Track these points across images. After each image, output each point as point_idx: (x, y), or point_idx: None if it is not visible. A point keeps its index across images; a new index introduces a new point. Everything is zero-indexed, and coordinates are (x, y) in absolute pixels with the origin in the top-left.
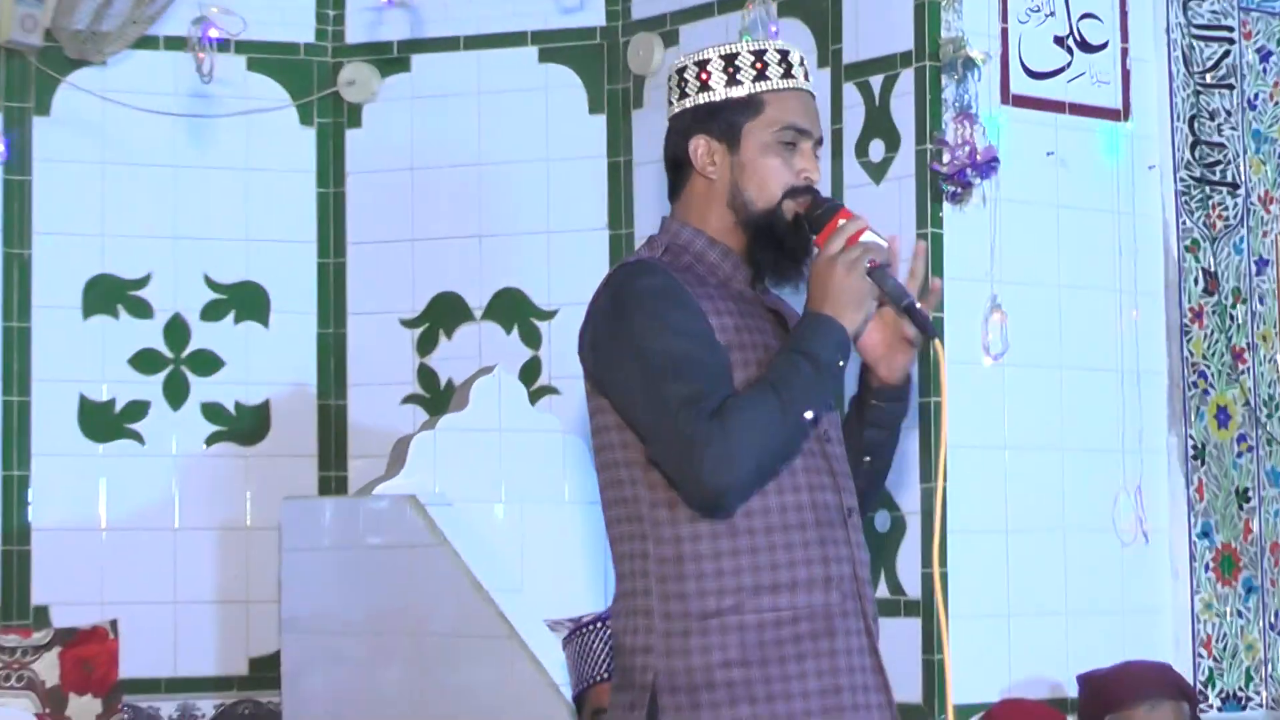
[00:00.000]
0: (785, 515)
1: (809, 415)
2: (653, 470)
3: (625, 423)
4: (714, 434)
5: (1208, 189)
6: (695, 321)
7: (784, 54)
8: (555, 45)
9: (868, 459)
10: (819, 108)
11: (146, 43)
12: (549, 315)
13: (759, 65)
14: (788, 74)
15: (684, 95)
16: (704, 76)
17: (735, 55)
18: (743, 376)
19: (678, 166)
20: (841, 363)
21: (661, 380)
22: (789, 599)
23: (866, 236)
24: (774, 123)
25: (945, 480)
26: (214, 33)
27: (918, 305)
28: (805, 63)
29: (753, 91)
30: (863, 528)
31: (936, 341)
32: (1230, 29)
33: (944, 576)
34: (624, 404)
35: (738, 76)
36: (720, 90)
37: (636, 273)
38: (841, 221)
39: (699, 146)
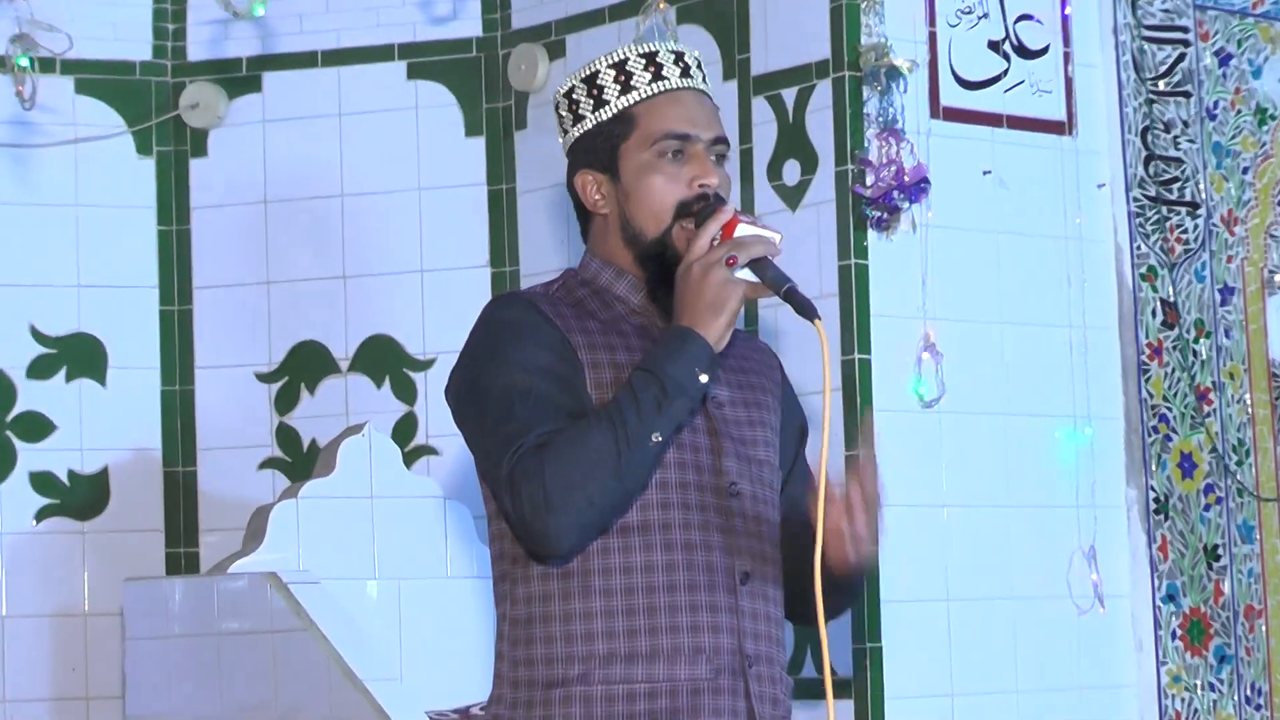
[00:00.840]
0: (650, 575)
1: (656, 439)
2: (501, 520)
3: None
4: (531, 470)
5: (1164, 209)
6: (544, 355)
7: (649, 56)
8: (426, 59)
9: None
10: (722, 119)
11: None
12: (425, 365)
13: (622, 78)
14: (658, 77)
15: (564, 132)
16: (574, 106)
17: (596, 74)
18: None
19: (579, 209)
20: (703, 376)
21: (494, 420)
22: (644, 670)
23: (741, 230)
24: (648, 137)
25: (876, 544)
26: (36, 51)
27: (798, 289)
28: (688, 58)
29: (620, 109)
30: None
31: (819, 325)
32: (1185, 29)
33: (877, 652)
34: (471, 448)
35: (604, 96)
36: (590, 116)
37: (493, 307)
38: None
39: (585, 184)
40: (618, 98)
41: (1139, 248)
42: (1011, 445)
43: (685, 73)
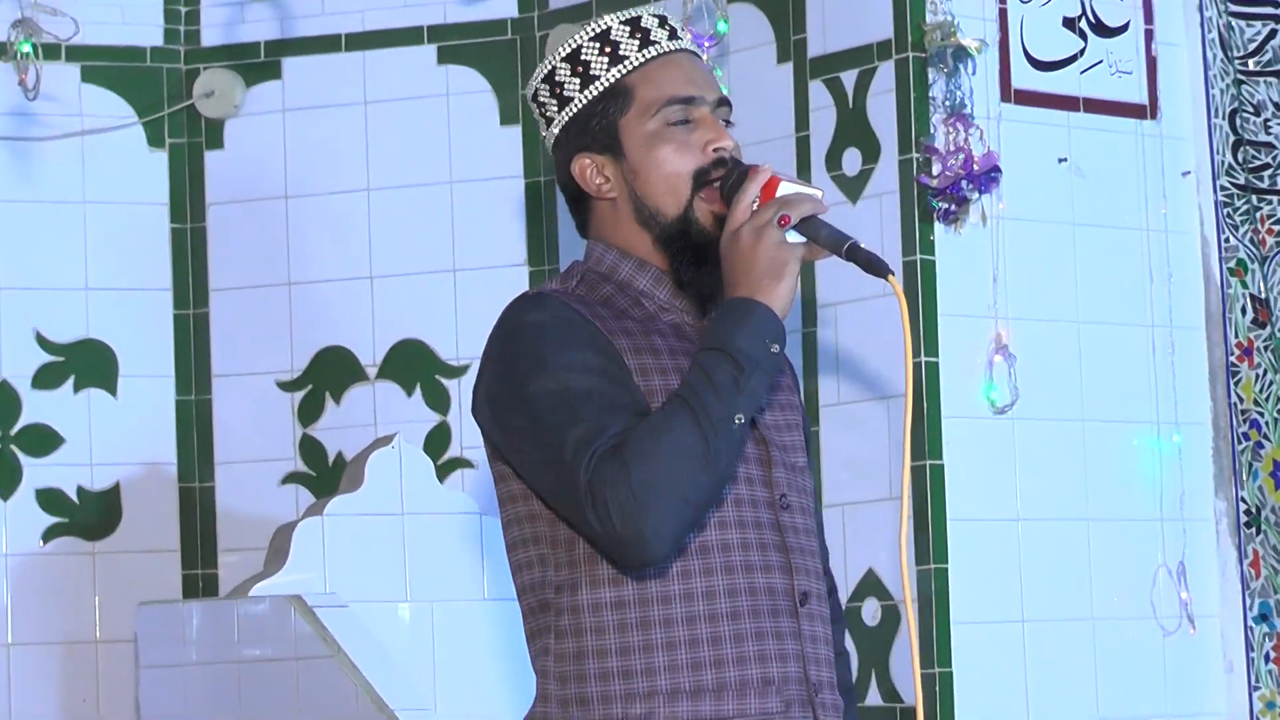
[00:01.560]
0: (714, 602)
1: (740, 420)
2: (560, 548)
3: (529, 489)
4: (615, 474)
5: (1254, 199)
6: (591, 355)
7: (633, 22)
8: (457, 43)
9: None
10: (777, 104)
11: None
12: (458, 372)
13: (608, 49)
14: (647, 42)
15: (548, 121)
16: (557, 89)
17: (578, 50)
18: None
19: (577, 200)
20: (775, 347)
21: (552, 428)
22: (713, 706)
23: (783, 189)
24: (649, 105)
25: (947, 561)
26: (39, 37)
27: (862, 245)
28: (672, 21)
29: (612, 81)
30: (831, 618)
31: (895, 282)
32: (1276, 4)
33: (947, 678)
34: (521, 465)
35: (590, 71)
36: (578, 96)
37: (524, 309)
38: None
39: (584, 169)
40: (607, 71)
41: (1227, 240)
42: (1091, 454)
43: (673, 35)
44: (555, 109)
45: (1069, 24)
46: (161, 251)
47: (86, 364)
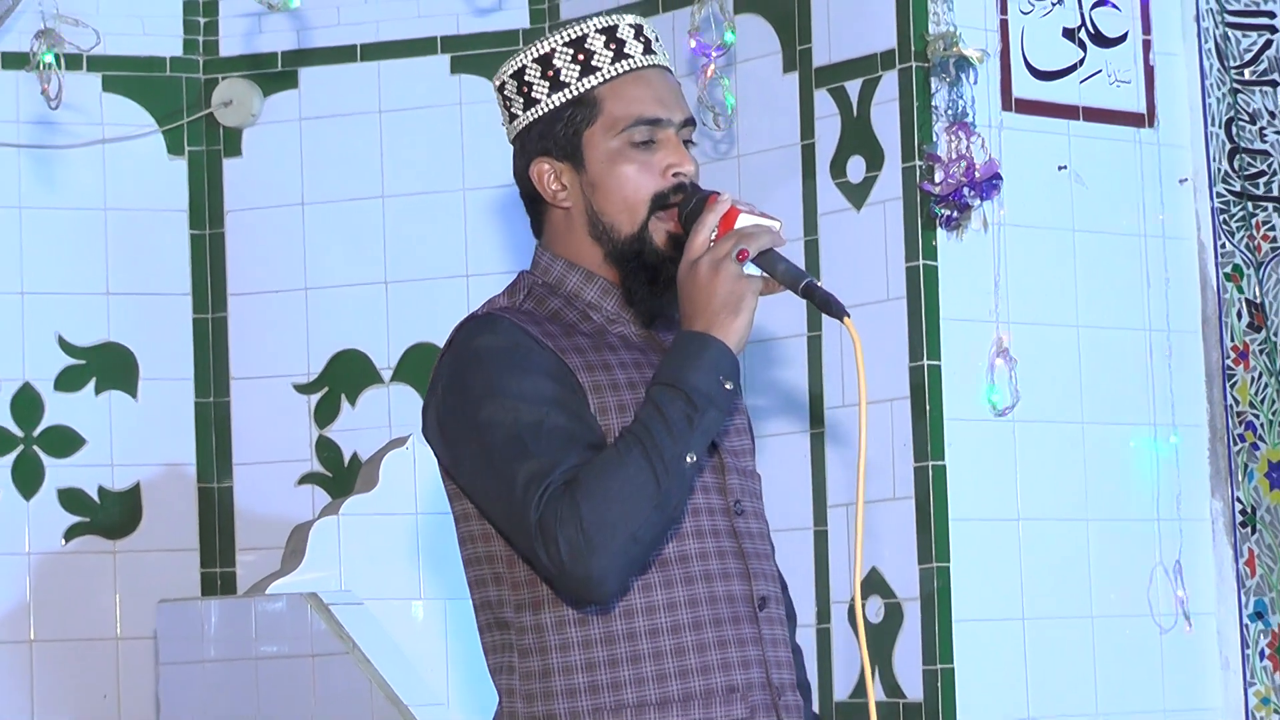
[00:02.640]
0: (676, 613)
1: (691, 459)
2: (516, 567)
3: (481, 513)
4: (565, 512)
5: (1250, 205)
6: (543, 382)
7: (609, 31)
8: (471, 53)
9: None
10: (783, 112)
11: None
12: None
13: (581, 56)
14: (620, 55)
15: (511, 116)
16: (525, 88)
17: (551, 53)
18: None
19: (532, 201)
20: (728, 385)
21: (505, 461)
22: (679, 716)
23: (742, 221)
24: (616, 122)
25: (949, 559)
26: (61, 48)
27: (818, 283)
28: (648, 32)
29: (581, 91)
30: (784, 619)
31: (849, 324)
32: (1271, 15)
33: (949, 674)
34: (472, 492)
35: (561, 77)
36: (545, 100)
37: (475, 332)
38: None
39: (542, 173)
40: (578, 79)
41: (1223, 246)
42: (1090, 455)
43: (648, 48)
44: (521, 107)
45: (1069, 34)
46: (181, 257)
47: (108, 367)
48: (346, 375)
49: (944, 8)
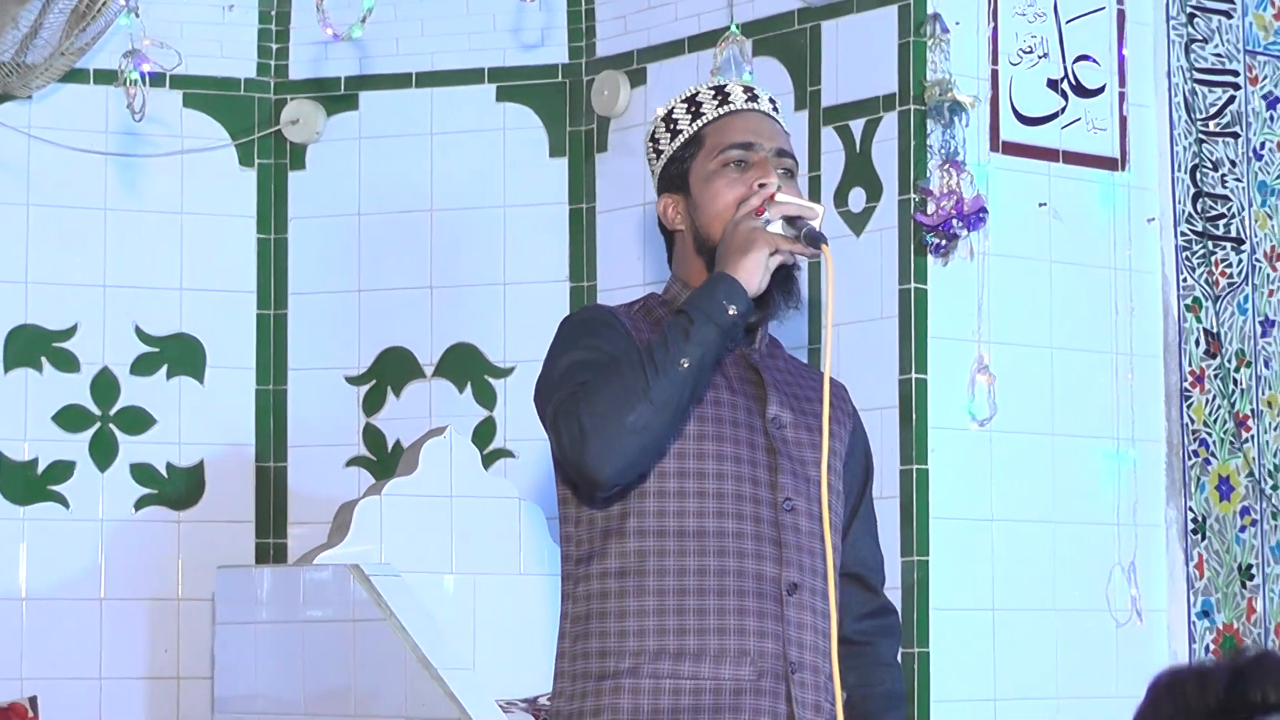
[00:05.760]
0: (704, 579)
1: (685, 364)
2: (581, 526)
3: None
4: (568, 408)
5: (1210, 244)
6: (607, 342)
7: (718, 88)
8: (514, 84)
9: None
10: (794, 147)
11: (75, 76)
12: (505, 373)
13: (693, 108)
14: (724, 102)
15: (654, 174)
16: (654, 144)
17: (671, 110)
18: (705, 440)
19: (667, 236)
20: (731, 309)
21: (546, 376)
22: (691, 667)
23: (779, 198)
24: (713, 150)
25: (929, 554)
26: (147, 67)
27: (815, 229)
28: (757, 90)
29: (691, 133)
30: (881, 632)
31: (826, 250)
32: (1235, 73)
33: (924, 658)
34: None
35: (677, 126)
36: (668, 149)
37: (576, 312)
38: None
39: (666, 207)
40: (689, 124)
41: (1185, 280)
42: (1058, 464)
43: (752, 98)
44: (655, 160)
45: (1052, 85)
46: (248, 258)
47: (179, 355)
48: (393, 370)
49: (941, 57)
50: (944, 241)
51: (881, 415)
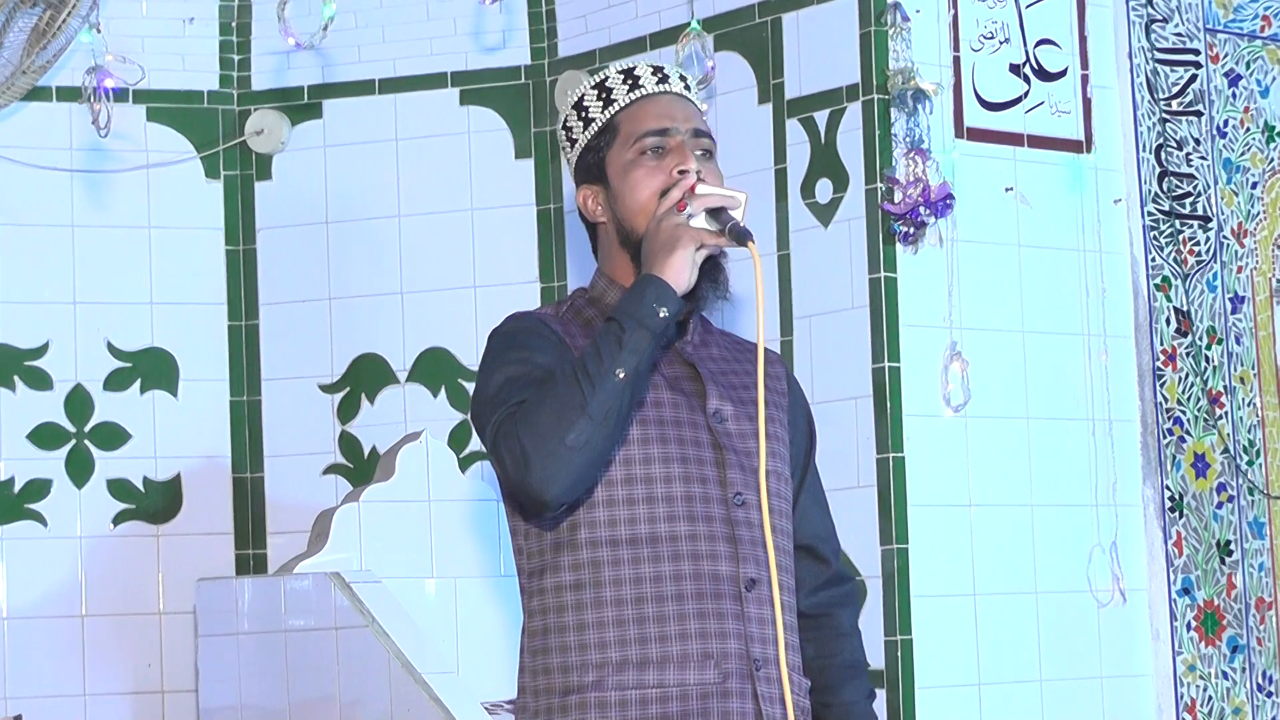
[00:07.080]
0: (660, 584)
1: (620, 374)
2: (530, 539)
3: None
4: (508, 429)
5: (1178, 223)
6: (540, 356)
7: (627, 72)
8: (477, 86)
9: None
10: (758, 140)
11: (38, 94)
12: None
13: (603, 94)
14: (634, 87)
15: (568, 161)
16: (567, 132)
17: (582, 98)
18: (650, 444)
19: (589, 228)
20: (662, 311)
21: (480, 398)
22: (656, 675)
23: (700, 189)
24: (629, 138)
25: (908, 541)
26: (110, 82)
27: (740, 224)
28: (668, 70)
29: (604, 121)
30: (838, 603)
31: (753, 247)
32: (1196, 52)
33: (908, 644)
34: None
35: (589, 114)
36: (580, 137)
37: (504, 322)
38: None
39: (586, 199)
40: (601, 112)
41: (1153, 259)
42: (1035, 447)
43: (662, 80)
44: (569, 149)
45: (1015, 70)
46: (217, 270)
47: (151, 369)
48: (366, 376)
49: (903, 45)
50: (912, 230)
51: (855, 404)
